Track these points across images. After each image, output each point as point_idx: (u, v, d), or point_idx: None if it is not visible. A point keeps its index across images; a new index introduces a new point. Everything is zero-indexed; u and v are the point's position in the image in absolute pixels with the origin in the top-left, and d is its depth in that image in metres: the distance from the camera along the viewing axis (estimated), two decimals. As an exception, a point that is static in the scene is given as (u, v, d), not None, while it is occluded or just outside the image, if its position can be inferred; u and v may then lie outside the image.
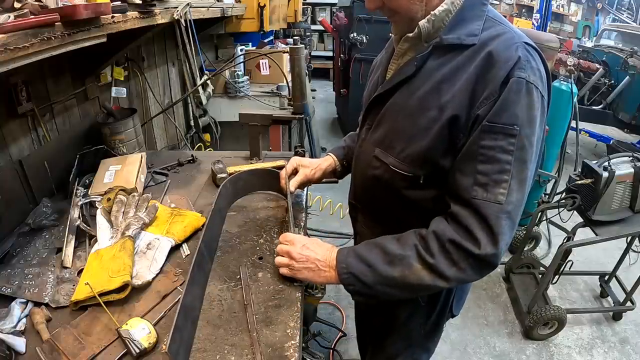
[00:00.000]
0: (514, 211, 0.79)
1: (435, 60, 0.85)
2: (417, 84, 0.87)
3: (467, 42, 0.81)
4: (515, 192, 0.78)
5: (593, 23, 8.84)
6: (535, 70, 0.78)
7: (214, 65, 3.20)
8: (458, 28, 0.82)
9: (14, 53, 0.83)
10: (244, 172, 1.42)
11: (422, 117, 0.85)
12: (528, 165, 0.79)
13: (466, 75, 0.80)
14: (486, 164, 0.78)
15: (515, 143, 0.76)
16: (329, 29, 5.14)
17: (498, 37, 0.80)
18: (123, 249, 1.05)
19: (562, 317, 2.24)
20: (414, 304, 1.10)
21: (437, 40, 0.84)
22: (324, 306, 2.51)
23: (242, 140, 3.11)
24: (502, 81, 0.76)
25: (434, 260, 0.81)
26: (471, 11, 0.83)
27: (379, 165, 0.95)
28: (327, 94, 7.13)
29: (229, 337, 0.87)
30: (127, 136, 1.67)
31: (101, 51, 1.48)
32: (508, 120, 0.76)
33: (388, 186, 0.95)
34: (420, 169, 0.88)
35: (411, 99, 0.87)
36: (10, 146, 1.32)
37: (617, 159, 2.12)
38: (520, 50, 0.77)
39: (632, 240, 2.38)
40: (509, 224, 0.79)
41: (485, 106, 0.77)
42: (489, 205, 0.77)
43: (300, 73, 1.58)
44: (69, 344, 0.85)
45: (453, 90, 0.81)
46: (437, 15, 0.83)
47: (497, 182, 0.77)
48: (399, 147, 0.90)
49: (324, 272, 0.93)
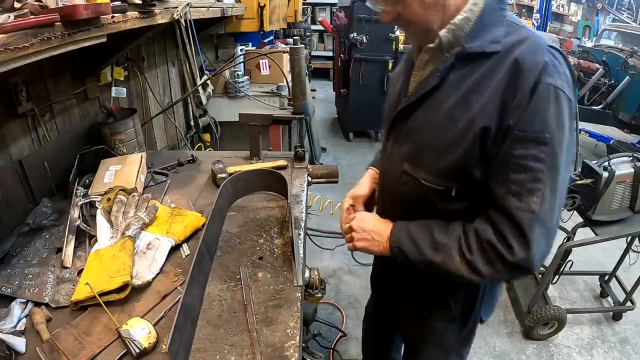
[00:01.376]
0: (548, 219, 0.79)
1: (458, 70, 0.84)
2: (442, 96, 0.86)
3: (490, 50, 0.79)
4: (548, 199, 0.78)
5: (593, 23, 8.84)
6: (562, 74, 0.77)
7: (214, 65, 3.20)
8: (480, 35, 0.80)
9: (14, 53, 0.83)
10: (244, 172, 1.42)
11: (452, 130, 0.84)
12: (560, 172, 0.79)
13: (494, 85, 0.79)
14: (519, 173, 0.78)
15: (546, 151, 0.76)
16: (329, 29, 5.14)
17: (522, 42, 0.79)
18: (123, 249, 1.05)
19: (562, 317, 2.24)
20: (449, 314, 1.11)
21: (459, 49, 0.82)
22: (324, 306, 2.51)
23: (242, 140, 3.10)
24: (530, 88, 0.75)
25: (472, 256, 0.84)
26: (491, 17, 0.81)
27: (409, 180, 0.94)
28: (327, 94, 7.12)
29: (229, 337, 0.87)
30: (127, 136, 1.67)
31: (101, 51, 1.48)
32: (538, 128, 0.75)
33: (418, 200, 0.95)
34: (452, 182, 0.88)
35: (438, 111, 0.86)
36: (10, 146, 1.32)
37: (617, 159, 2.12)
38: (546, 55, 0.77)
39: (632, 240, 2.38)
40: (544, 232, 0.80)
41: (515, 115, 0.77)
42: (523, 215, 0.78)
43: (300, 73, 1.58)
44: (69, 344, 0.85)
45: (482, 101, 0.80)
46: (457, 24, 0.81)
47: (531, 191, 0.78)
48: (429, 162, 0.89)
49: (378, 243, 0.99)
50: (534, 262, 0.81)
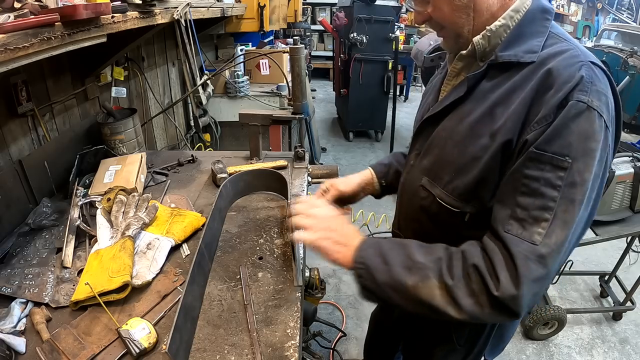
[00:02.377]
0: (549, 256, 0.67)
1: (489, 81, 0.78)
2: (468, 108, 0.80)
3: (525, 60, 0.73)
4: (555, 234, 0.67)
5: (593, 23, 8.84)
6: (602, 94, 0.68)
7: (214, 65, 3.20)
8: (516, 44, 0.74)
9: (14, 53, 0.83)
10: (244, 172, 1.42)
11: (473, 145, 0.77)
12: (577, 206, 0.67)
13: (522, 96, 0.71)
14: (528, 196, 0.68)
15: (564, 177, 0.66)
16: (329, 29, 5.14)
17: (560, 54, 0.71)
18: (123, 249, 1.05)
19: (562, 317, 2.24)
20: (450, 345, 1.05)
21: (492, 58, 0.76)
22: (324, 306, 2.51)
23: (242, 140, 3.12)
24: (558, 103, 0.67)
25: (453, 282, 0.71)
26: (531, 26, 0.75)
27: (426, 196, 0.88)
28: (327, 94, 7.13)
29: (229, 337, 0.87)
30: (127, 136, 1.67)
31: (101, 51, 1.49)
32: (559, 150, 0.66)
33: (433, 220, 0.88)
34: (467, 204, 0.81)
35: (461, 124, 0.80)
36: (10, 146, 1.32)
37: (617, 159, 2.12)
38: (584, 69, 0.68)
39: (632, 240, 2.38)
40: (540, 269, 0.67)
41: (536, 130, 0.68)
42: (520, 244, 0.67)
43: (300, 73, 1.58)
44: (69, 344, 0.85)
45: (507, 113, 0.72)
46: (494, 31, 0.76)
47: (537, 220, 0.67)
48: (446, 178, 0.83)
49: (340, 249, 0.82)
50: (521, 303, 0.67)
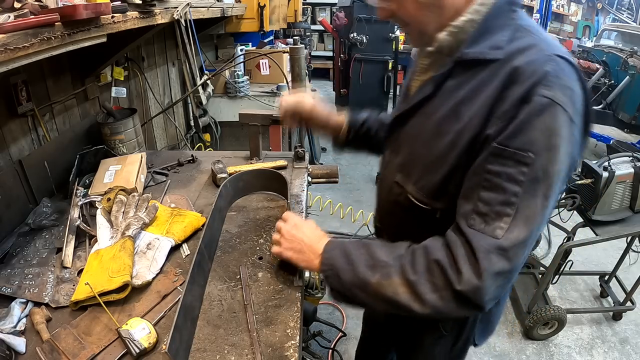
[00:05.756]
0: (512, 250, 0.67)
1: (455, 78, 0.77)
2: (435, 105, 0.80)
3: (490, 57, 0.71)
4: (518, 229, 0.67)
5: (593, 23, 8.85)
6: (567, 89, 0.67)
7: (214, 65, 3.20)
8: (482, 40, 0.73)
9: (14, 53, 0.83)
10: (244, 172, 1.42)
11: (439, 144, 0.77)
12: (539, 202, 0.67)
13: (487, 93, 0.71)
14: (490, 191, 0.68)
15: (527, 173, 0.66)
16: (329, 29, 5.14)
17: (527, 49, 0.69)
18: (123, 249, 1.05)
19: (562, 317, 2.24)
20: (438, 332, 1.05)
21: (458, 55, 0.75)
22: (324, 306, 2.51)
23: (242, 140, 3.12)
24: (520, 98, 0.66)
25: (416, 277, 0.72)
26: (497, 20, 0.74)
27: (400, 192, 0.89)
28: (327, 94, 7.12)
29: (229, 337, 0.87)
30: (127, 136, 1.67)
31: (101, 51, 1.49)
32: (522, 146, 0.65)
33: (408, 215, 0.89)
34: (436, 201, 0.81)
35: (428, 122, 0.81)
36: (10, 146, 1.32)
37: (617, 159, 2.12)
38: (550, 64, 0.67)
39: (632, 240, 2.38)
40: (503, 262, 0.68)
41: (497, 125, 0.68)
42: (482, 238, 0.68)
43: (300, 73, 1.59)
44: (69, 344, 0.85)
45: (471, 112, 0.72)
46: (459, 27, 0.74)
47: (499, 215, 0.68)
48: (416, 176, 0.84)
49: (307, 256, 0.89)
50: (484, 297, 0.68)
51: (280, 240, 0.94)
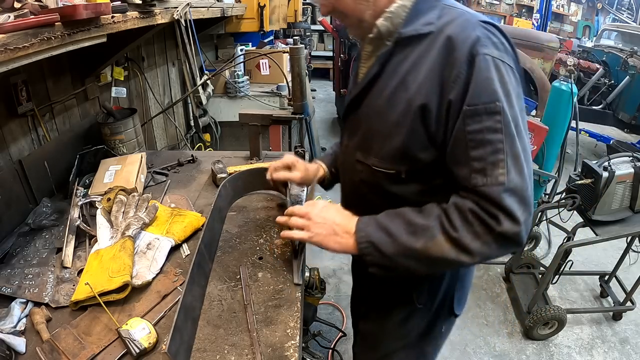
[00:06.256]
0: (518, 187, 0.76)
1: (397, 55, 0.86)
2: (384, 82, 0.88)
3: (424, 31, 0.82)
4: (514, 167, 0.76)
5: (593, 23, 8.85)
6: (499, 44, 0.78)
7: (214, 65, 3.20)
8: (415, 20, 0.83)
9: (14, 53, 0.83)
10: (244, 172, 1.42)
11: (393, 114, 0.85)
12: (517, 138, 0.77)
13: (428, 63, 0.80)
14: (478, 148, 0.76)
15: (501, 120, 0.75)
16: (329, 29, 5.14)
17: (454, 20, 0.81)
18: (123, 249, 1.05)
19: (562, 317, 2.24)
20: (411, 305, 1.07)
21: (396, 35, 0.85)
22: (324, 306, 2.51)
23: (242, 140, 3.12)
24: (465, 60, 0.76)
25: (457, 233, 0.78)
26: (426, 3, 0.84)
27: (362, 169, 0.95)
28: (327, 94, 7.13)
29: (229, 337, 0.87)
30: (127, 136, 1.67)
31: (101, 51, 1.49)
32: (488, 99, 0.75)
33: (374, 188, 0.94)
34: (400, 165, 0.87)
35: (380, 98, 0.88)
36: (10, 146, 1.32)
37: (617, 159, 2.12)
38: (478, 29, 0.78)
39: (632, 240, 2.38)
40: (517, 200, 0.76)
41: (454, 89, 0.77)
42: (491, 189, 0.75)
43: (300, 73, 1.59)
44: (69, 344, 0.85)
45: (418, 80, 0.81)
46: (394, 12, 0.84)
47: (494, 164, 0.75)
48: (376, 147, 0.90)
49: (340, 238, 0.88)
50: (521, 231, 0.76)
51: (308, 225, 0.92)
